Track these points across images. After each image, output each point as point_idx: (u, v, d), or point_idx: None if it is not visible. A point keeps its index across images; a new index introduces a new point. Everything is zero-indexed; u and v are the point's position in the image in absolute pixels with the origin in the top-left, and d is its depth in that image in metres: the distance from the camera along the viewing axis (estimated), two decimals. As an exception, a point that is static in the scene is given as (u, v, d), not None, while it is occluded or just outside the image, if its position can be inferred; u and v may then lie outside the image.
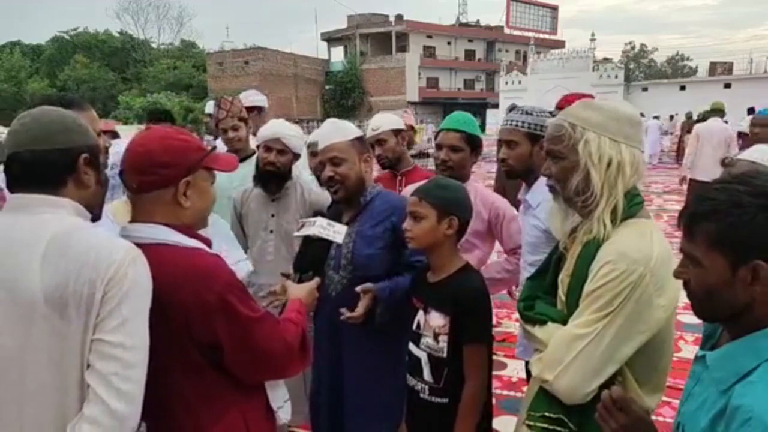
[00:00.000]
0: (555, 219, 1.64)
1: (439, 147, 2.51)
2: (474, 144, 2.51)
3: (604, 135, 1.45)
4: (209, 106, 4.47)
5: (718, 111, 7.74)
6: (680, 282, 1.32)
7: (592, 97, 2.54)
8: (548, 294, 1.63)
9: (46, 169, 1.25)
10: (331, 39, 53.36)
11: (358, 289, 2.03)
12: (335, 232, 1.97)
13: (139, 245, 1.34)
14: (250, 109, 3.90)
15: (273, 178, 2.72)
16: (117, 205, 2.50)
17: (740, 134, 6.22)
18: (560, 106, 2.97)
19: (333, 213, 2.22)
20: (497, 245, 2.65)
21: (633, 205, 1.46)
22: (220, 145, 3.42)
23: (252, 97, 4.26)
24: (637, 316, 1.36)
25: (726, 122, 8.06)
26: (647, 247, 1.38)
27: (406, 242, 1.88)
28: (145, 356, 1.22)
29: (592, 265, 1.43)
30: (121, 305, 1.18)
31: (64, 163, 1.27)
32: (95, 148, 1.35)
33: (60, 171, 1.27)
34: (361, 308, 2.00)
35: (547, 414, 1.46)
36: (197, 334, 1.35)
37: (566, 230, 1.59)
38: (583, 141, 1.46)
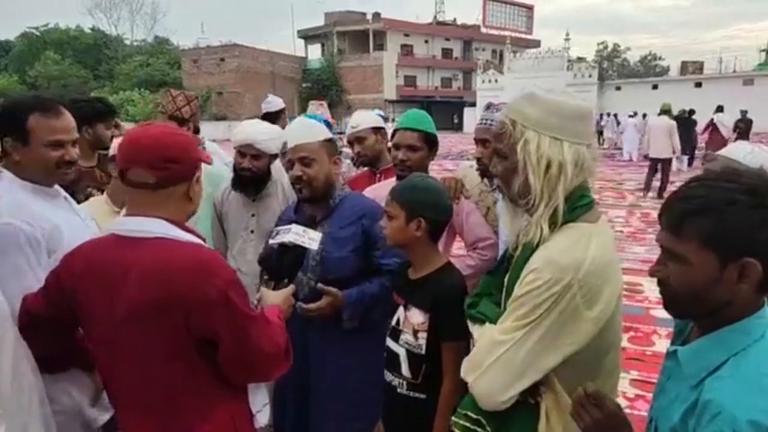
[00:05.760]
0: (503, 218, 1.59)
1: (396, 147, 2.49)
2: (431, 142, 2.51)
3: (544, 133, 1.33)
4: None
5: (667, 111, 11.77)
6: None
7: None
8: (500, 291, 1.57)
9: None
10: (308, 36, 53.03)
11: (319, 287, 2.06)
12: (310, 239, 1.98)
13: (137, 239, 1.34)
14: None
15: (249, 182, 2.70)
16: (95, 204, 2.44)
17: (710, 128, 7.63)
18: None
19: (306, 219, 2.22)
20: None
21: (577, 207, 1.36)
22: None
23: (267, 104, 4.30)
24: (561, 328, 1.28)
25: (674, 118, 12.06)
26: (580, 254, 1.28)
27: (376, 244, 1.89)
28: None
29: (524, 269, 1.36)
30: None
31: None
32: None
33: None
34: (318, 304, 2.04)
35: (469, 413, 1.43)
36: (195, 328, 1.34)
37: (515, 230, 1.52)
38: (522, 141, 1.35)
